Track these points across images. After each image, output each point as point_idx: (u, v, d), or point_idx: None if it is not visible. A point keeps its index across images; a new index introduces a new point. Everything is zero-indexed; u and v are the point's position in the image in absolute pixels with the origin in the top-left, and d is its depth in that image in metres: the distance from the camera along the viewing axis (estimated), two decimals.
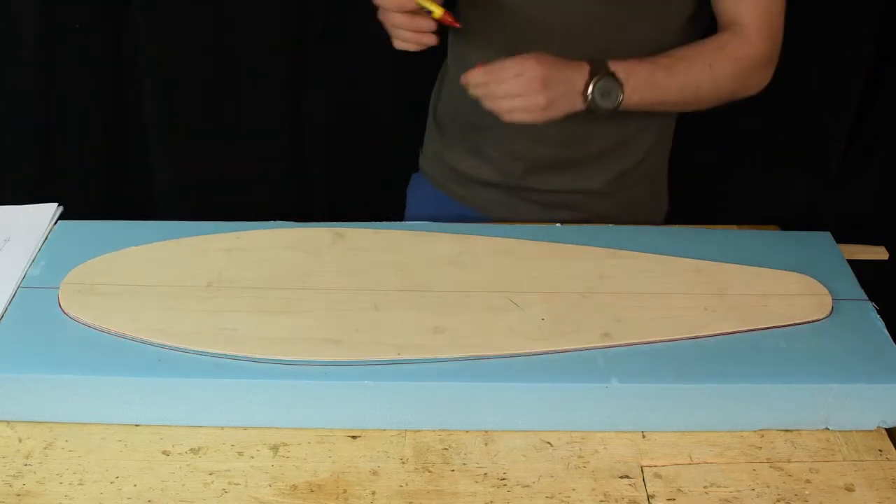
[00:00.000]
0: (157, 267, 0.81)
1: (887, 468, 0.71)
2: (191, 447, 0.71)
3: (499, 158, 1.05)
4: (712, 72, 0.91)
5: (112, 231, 0.87)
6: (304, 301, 0.78)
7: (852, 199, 1.40)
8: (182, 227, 0.87)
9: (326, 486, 0.68)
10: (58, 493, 0.67)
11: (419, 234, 0.87)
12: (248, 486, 0.68)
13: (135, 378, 0.70)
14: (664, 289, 0.81)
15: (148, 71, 1.31)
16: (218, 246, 0.84)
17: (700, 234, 0.90)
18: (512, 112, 0.87)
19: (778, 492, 0.68)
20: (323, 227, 0.87)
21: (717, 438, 0.73)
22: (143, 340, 0.73)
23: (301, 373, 0.71)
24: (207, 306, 0.77)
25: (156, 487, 0.67)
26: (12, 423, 0.73)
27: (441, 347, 0.73)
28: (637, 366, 0.73)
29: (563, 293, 0.80)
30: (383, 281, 0.80)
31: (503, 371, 0.72)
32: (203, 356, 0.72)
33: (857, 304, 0.80)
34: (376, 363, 0.72)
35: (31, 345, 0.73)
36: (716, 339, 0.76)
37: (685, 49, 0.92)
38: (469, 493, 0.68)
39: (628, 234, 0.88)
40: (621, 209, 1.06)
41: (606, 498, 0.68)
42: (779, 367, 0.73)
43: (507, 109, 0.87)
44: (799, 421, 0.74)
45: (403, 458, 0.71)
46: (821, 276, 0.83)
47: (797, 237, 0.89)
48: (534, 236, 0.87)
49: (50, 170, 1.37)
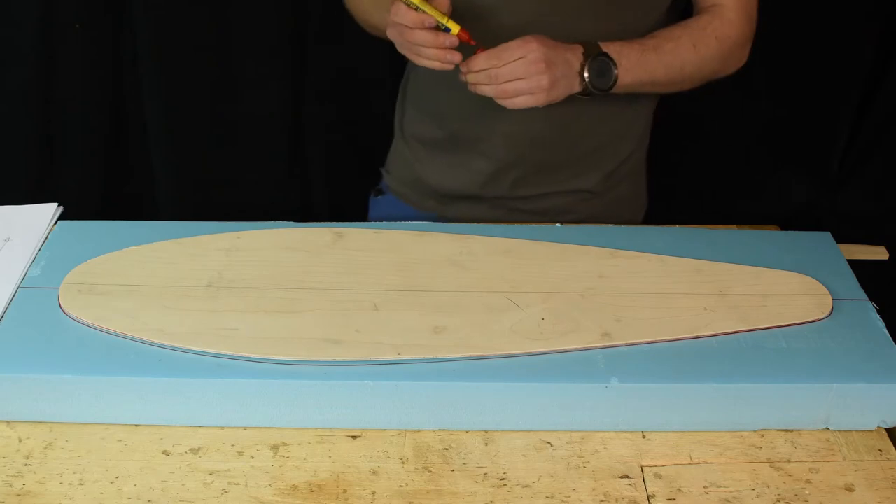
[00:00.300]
0: (157, 267, 0.81)
1: (887, 468, 0.71)
2: (191, 447, 0.71)
3: (487, 170, 1.03)
4: (697, 52, 0.92)
5: (112, 231, 0.87)
6: (304, 301, 0.78)
7: (852, 199, 1.40)
8: (182, 227, 0.87)
9: (326, 486, 0.68)
10: (58, 493, 0.67)
11: (419, 234, 0.87)
12: (248, 486, 0.68)
13: (135, 378, 0.70)
14: (664, 289, 0.81)
15: (148, 71, 1.31)
16: (218, 246, 0.84)
17: (700, 234, 0.90)
18: (516, 95, 0.86)
19: (778, 492, 0.68)
20: (323, 227, 0.87)
21: (717, 438, 0.73)
22: (143, 340, 0.73)
23: (301, 373, 0.71)
24: (207, 306, 0.77)
25: (156, 487, 0.67)
26: (12, 423, 0.73)
27: (441, 347, 0.73)
28: (637, 366, 0.73)
29: (562, 293, 0.80)
30: (383, 281, 0.80)
31: (503, 371, 0.72)
32: (203, 356, 0.72)
33: (857, 304, 0.80)
34: (376, 363, 0.72)
35: (31, 345, 0.73)
36: (716, 339, 0.76)
37: (669, 30, 0.93)
38: (469, 493, 0.68)
39: (628, 234, 0.88)
40: (609, 209, 1.06)
41: (606, 498, 0.68)
42: (779, 366, 0.73)
43: (511, 93, 0.86)
44: (799, 421, 0.74)
45: (403, 458, 0.71)
46: (821, 276, 0.83)
47: (797, 237, 0.89)
48: (534, 236, 0.87)
49: (50, 170, 1.37)
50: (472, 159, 1.03)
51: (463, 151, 1.04)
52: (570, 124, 0.98)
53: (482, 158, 1.03)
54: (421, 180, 1.08)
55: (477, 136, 1.00)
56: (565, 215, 1.05)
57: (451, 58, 0.87)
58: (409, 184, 1.10)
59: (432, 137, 1.06)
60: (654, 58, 0.91)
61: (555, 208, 1.05)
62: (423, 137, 1.07)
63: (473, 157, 1.03)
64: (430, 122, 1.05)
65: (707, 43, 0.93)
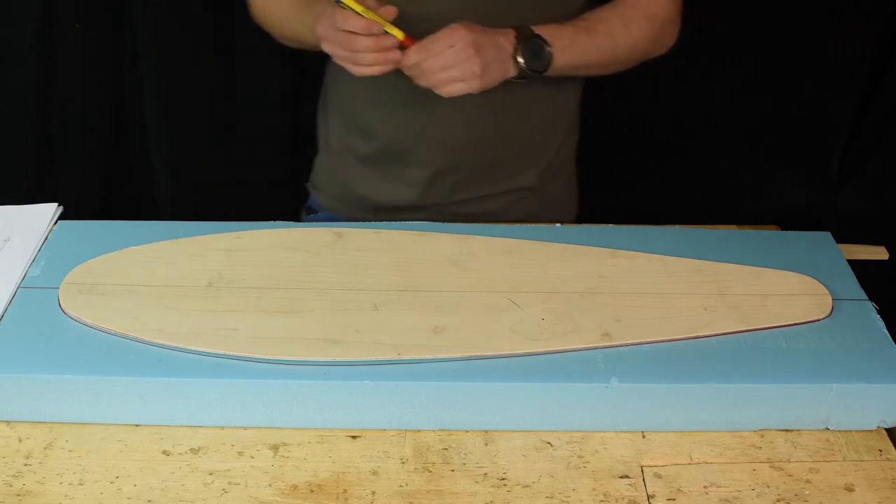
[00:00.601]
0: (157, 267, 0.81)
1: (887, 468, 0.71)
2: (191, 447, 0.71)
3: (422, 179, 1.02)
4: (628, 32, 0.93)
5: (112, 231, 0.87)
6: (304, 301, 0.78)
7: (852, 199, 1.40)
8: (182, 227, 0.87)
9: (326, 486, 0.68)
10: (58, 493, 0.67)
11: (419, 234, 0.87)
12: (248, 486, 0.68)
13: (135, 378, 0.70)
14: (664, 289, 0.81)
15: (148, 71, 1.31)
16: (218, 246, 0.84)
17: (700, 234, 0.90)
18: (449, 83, 0.87)
19: (778, 492, 0.68)
20: (323, 227, 0.87)
21: (717, 438, 0.73)
22: (143, 340, 0.73)
23: (301, 373, 0.71)
24: (207, 306, 0.77)
25: (156, 487, 0.67)
26: (12, 423, 0.73)
27: (441, 347, 0.73)
28: (637, 366, 0.73)
29: (562, 293, 0.80)
30: (383, 281, 0.80)
31: (503, 371, 0.72)
32: (203, 356, 0.72)
33: (857, 304, 0.80)
34: (376, 363, 0.72)
35: (31, 345, 0.73)
36: (716, 339, 0.76)
37: (599, 11, 0.94)
38: (469, 493, 0.68)
39: (628, 234, 0.88)
40: (545, 206, 1.06)
41: (606, 498, 0.68)
42: (779, 366, 0.73)
43: (444, 81, 0.87)
44: (799, 421, 0.74)
45: (403, 458, 0.71)
46: (821, 276, 0.83)
47: (797, 237, 0.89)
48: (534, 236, 0.87)
49: (50, 170, 1.37)
50: (406, 170, 1.02)
51: (396, 162, 1.02)
52: (501, 117, 0.97)
53: (416, 168, 1.01)
54: (354, 194, 1.07)
55: (408, 147, 0.99)
56: (504, 216, 1.04)
57: (391, 56, 0.87)
58: (341, 199, 1.08)
59: (362, 152, 1.04)
60: (586, 39, 0.91)
61: (494, 210, 1.04)
62: (352, 152, 1.05)
63: (407, 168, 1.02)
64: (357, 137, 1.04)
65: (638, 23, 0.94)
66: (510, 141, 1.01)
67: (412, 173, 1.02)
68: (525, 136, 1.01)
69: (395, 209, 1.05)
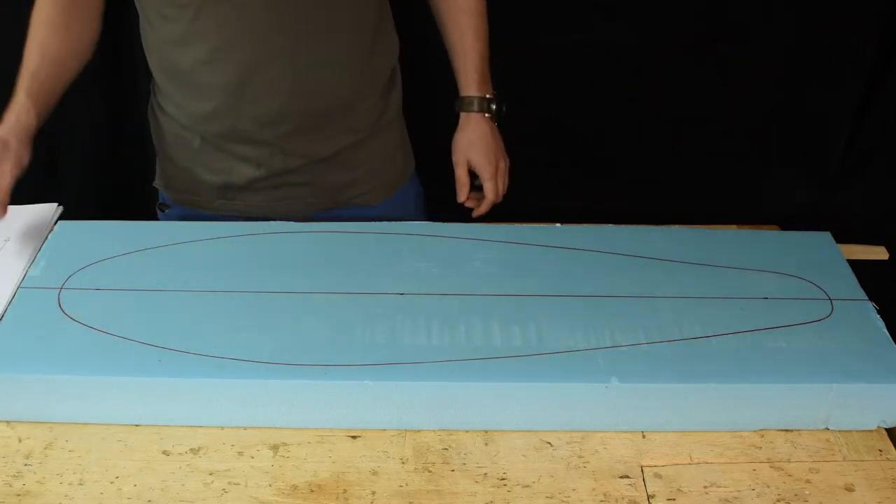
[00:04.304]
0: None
1: (887, 468, 0.71)
2: (191, 447, 0.71)
3: (257, 155, 1.02)
4: (481, 17, 1.05)
5: (112, 231, 0.87)
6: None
7: (852, 199, 1.40)
8: (182, 228, 0.87)
9: (326, 486, 0.68)
10: (58, 493, 0.67)
11: (417, 237, 0.87)
12: (248, 486, 0.68)
13: (135, 378, 0.70)
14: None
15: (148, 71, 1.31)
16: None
17: (700, 234, 0.90)
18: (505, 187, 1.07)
19: (778, 492, 0.68)
20: (322, 228, 0.87)
21: (717, 438, 0.73)
22: (143, 340, 0.73)
23: (301, 373, 0.71)
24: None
25: (156, 487, 0.67)
26: (12, 423, 0.73)
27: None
28: (637, 366, 0.73)
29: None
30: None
31: (503, 371, 0.72)
32: (203, 356, 0.72)
33: (857, 304, 0.80)
34: (376, 363, 0.72)
35: (32, 345, 0.73)
36: (716, 339, 0.76)
37: (454, 20, 1.04)
38: (469, 493, 0.68)
39: (629, 234, 0.88)
40: (384, 161, 1.09)
41: (606, 498, 0.68)
42: (779, 366, 0.73)
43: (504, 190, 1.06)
44: (799, 421, 0.74)
45: (403, 458, 0.71)
46: (821, 276, 0.83)
47: (797, 237, 0.89)
48: (534, 236, 0.87)
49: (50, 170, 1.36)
50: (238, 147, 1.02)
51: (225, 144, 1.02)
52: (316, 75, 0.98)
53: (247, 144, 1.02)
54: (199, 182, 1.07)
55: (232, 127, 0.99)
56: (352, 171, 1.06)
57: None
58: (189, 191, 1.09)
59: (194, 146, 1.04)
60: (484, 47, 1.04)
61: (330, 172, 1.05)
62: (186, 145, 1.05)
63: (239, 145, 1.02)
64: (185, 132, 1.04)
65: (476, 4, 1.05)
66: (333, 98, 1.01)
67: (243, 150, 1.02)
68: (347, 96, 1.02)
69: (241, 188, 1.05)
